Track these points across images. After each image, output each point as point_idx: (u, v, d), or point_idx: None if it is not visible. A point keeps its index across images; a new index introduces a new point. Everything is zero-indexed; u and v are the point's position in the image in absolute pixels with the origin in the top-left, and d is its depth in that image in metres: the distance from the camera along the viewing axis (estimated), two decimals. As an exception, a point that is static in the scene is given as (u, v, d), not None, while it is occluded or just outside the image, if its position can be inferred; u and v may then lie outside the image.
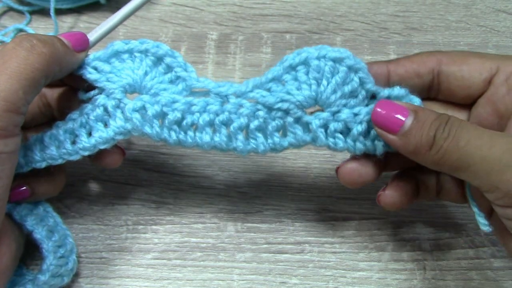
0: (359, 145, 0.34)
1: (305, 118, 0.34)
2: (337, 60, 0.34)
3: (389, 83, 0.35)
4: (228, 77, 0.51)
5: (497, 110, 0.34)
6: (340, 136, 0.34)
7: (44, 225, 0.38)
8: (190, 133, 0.35)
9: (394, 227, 0.44)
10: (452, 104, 0.36)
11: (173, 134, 0.35)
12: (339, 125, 0.34)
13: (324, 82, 0.34)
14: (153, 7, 0.56)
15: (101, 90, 0.36)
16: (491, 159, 0.29)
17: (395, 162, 0.37)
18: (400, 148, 0.32)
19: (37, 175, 0.37)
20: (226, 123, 0.35)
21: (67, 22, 0.55)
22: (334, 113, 0.34)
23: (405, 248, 0.43)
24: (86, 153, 0.36)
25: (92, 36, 0.38)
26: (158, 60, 0.36)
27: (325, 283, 0.41)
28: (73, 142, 0.36)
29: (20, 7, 0.55)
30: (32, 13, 0.55)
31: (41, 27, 0.54)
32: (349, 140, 0.34)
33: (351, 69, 0.34)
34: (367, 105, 0.34)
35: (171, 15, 0.56)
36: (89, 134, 0.36)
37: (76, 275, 0.40)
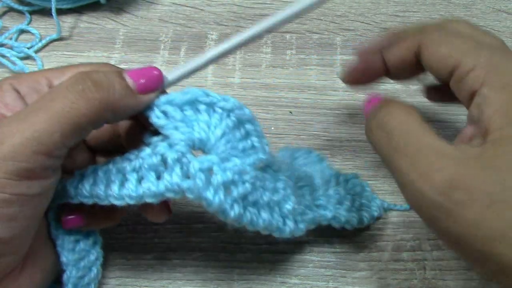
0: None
1: None
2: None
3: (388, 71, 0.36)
4: (228, 77, 0.51)
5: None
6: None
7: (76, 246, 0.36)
8: (251, 209, 0.32)
9: (394, 227, 0.44)
10: None
11: (236, 207, 0.31)
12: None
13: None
14: (153, 7, 0.56)
15: (165, 138, 0.31)
16: (411, 162, 0.29)
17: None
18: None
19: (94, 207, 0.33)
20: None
21: (67, 22, 0.55)
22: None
23: (405, 248, 0.43)
24: (132, 202, 0.31)
25: (173, 74, 0.33)
26: (239, 124, 0.32)
27: (325, 283, 0.41)
28: (122, 185, 0.32)
29: (20, 7, 0.55)
30: (32, 13, 0.55)
31: (41, 27, 0.54)
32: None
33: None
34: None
35: (171, 15, 0.56)
36: (139, 181, 0.31)
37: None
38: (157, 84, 0.32)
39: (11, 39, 0.53)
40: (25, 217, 0.29)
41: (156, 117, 0.31)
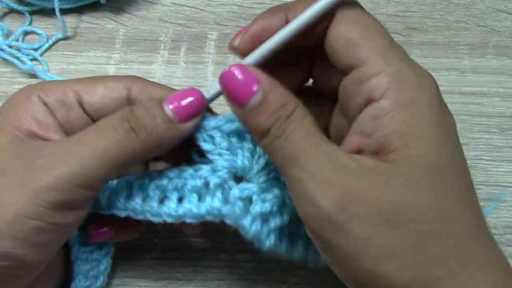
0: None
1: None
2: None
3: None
4: (228, 77, 0.51)
5: (342, 106, 0.31)
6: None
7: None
8: (285, 239, 0.32)
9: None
10: None
11: (272, 238, 0.31)
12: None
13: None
14: (153, 7, 0.56)
15: (209, 161, 0.32)
16: (300, 185, 0.26)
17: None
18: (241, 121, 0.29)
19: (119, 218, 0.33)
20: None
21: (67, 22, 0.54)
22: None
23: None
24: (170, 220, 0.32)
25: (210, 92, 0.31)
26: None
27: (325, 283, 0.41)
28: (161, 202, 0.32)
29: (20, 7, 0.55)
30: (32, 13, 0.55)
31: (42, 27, 0.54)
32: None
33: None
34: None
35: (171, 15, 0.56)
36: (179, 200, 0.32)
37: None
38: (198, 110, 0.31)
39: (17, 40, 0.53)
40: (56, 243, 0.30)
41: (203, 141, 0.32)
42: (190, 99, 0.30)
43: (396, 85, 0.27)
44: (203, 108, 0.31)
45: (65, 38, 0.54)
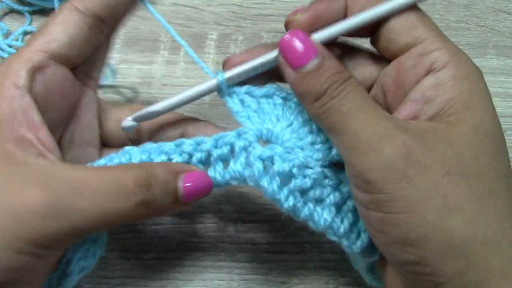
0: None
1: None
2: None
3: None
4: (228, 77, 0.51)
5: (398, 79, 0.32)
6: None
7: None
8: (310, 205, 0.31)
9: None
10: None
11: (291, 200, 0.31)
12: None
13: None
14: (153, 7, 0.56)
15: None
16: (360, 137, 0.27)
17: None
18: (291, 84, 0.30)
19: None
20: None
21: (67, 22, 0.55)
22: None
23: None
24: None
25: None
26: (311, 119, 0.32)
27: (325, 283, 0.41)
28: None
29: (20, 7, 0.55)
30: (32, 13, 0.55)
31: (41, 27, 0.54)
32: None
33: None
34: None
35: (171, 15, 0.56)
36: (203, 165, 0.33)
37: (76, 275, 0.41)
38: (203, 195, 0.32)
39: (17, 40, 0.53)
40: (45, 268, 0.29)
41: (233, 103, 0.33)
42: (203, 184, 0.31)
43: (455, 59, 0.30)
44: (205, 195, 0.32)
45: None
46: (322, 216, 0.31)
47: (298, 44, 0.29)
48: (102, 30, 0.33)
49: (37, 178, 0.27)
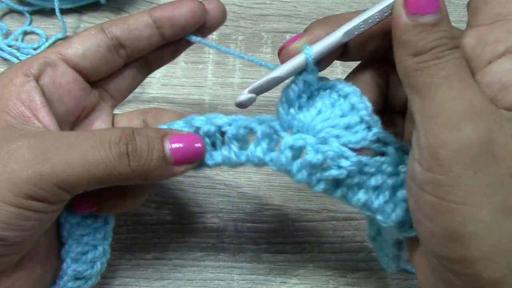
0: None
1: None
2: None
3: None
4: (228, 77, 0.51)
5: (473, 52, 0.30)
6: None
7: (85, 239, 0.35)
8: (344, 189, 0.30)
9: (394, 227, 0.44)
10: None
11: (322, 185, 0.30)
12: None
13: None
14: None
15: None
16: (447, 107, 0.25)
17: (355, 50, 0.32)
18: (398, 27, 0.28)
19: (107, 191, 0.32)
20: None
21: (67, 22, 0.54)
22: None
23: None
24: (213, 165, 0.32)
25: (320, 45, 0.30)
26: (340, 98, 0.31)
27: (325, 283, 0.41)
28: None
29: (20, 7, 0.55)
30: (32, 13, 0.55)
31: (42, 27, 0.54)
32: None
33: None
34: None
35: (171, 15, 0.56)
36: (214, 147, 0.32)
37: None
38: (195, 158, 0.31)
39: (16, 40, 0.53)
40: (38, 228, 0.30)
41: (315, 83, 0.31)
42: (194, 145, 0.31)
43: None
44: (199, 159, 0.31)
45: (65, 38, 0.54)
46: (357, 197, 0.30)
47: None
48: (120, 54, 0.35)
49: (29, 134, 0.30)
